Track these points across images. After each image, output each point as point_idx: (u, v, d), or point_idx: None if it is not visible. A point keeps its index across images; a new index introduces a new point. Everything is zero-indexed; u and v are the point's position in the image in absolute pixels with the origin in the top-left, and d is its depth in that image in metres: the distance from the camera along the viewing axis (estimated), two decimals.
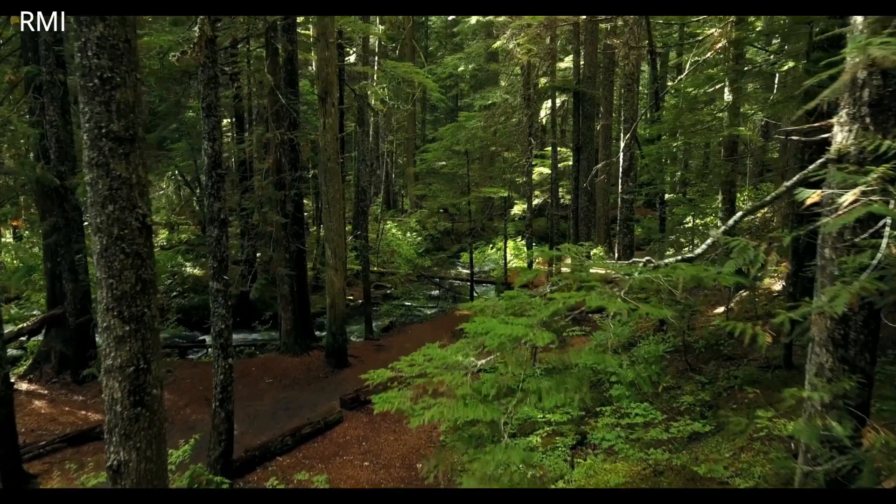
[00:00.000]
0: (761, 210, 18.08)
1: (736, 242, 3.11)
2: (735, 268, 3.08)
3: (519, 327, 3.00)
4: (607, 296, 2.89)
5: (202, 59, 6.72)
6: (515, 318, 3.47)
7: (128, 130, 4.82)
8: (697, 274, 2.85)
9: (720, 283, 2.91)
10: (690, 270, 2.86)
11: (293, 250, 12.41)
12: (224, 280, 7.14)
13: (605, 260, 22.18)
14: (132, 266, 4.91)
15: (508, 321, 3.27)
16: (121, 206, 4.82)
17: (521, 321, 3.20)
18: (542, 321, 3.05)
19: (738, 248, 3.10)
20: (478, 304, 4.05)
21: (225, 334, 7.22)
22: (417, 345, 13.14)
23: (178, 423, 9.64)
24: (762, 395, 7.52)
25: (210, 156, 6.94)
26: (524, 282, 3.67)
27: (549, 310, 3.00)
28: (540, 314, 3.03)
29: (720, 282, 2.92)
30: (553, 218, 20.11)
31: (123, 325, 4.95)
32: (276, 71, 11.87)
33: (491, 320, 3.56)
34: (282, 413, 10.18)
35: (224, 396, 7.31)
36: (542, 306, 3.10)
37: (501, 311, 3.79)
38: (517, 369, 2.95)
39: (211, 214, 7.04)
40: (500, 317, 3.48)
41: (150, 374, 5.15)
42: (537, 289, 3.88)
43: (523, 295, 3.90)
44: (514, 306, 3.72)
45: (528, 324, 3.08)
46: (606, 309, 2.78)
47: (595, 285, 3.03)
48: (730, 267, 3.07)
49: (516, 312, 3.67)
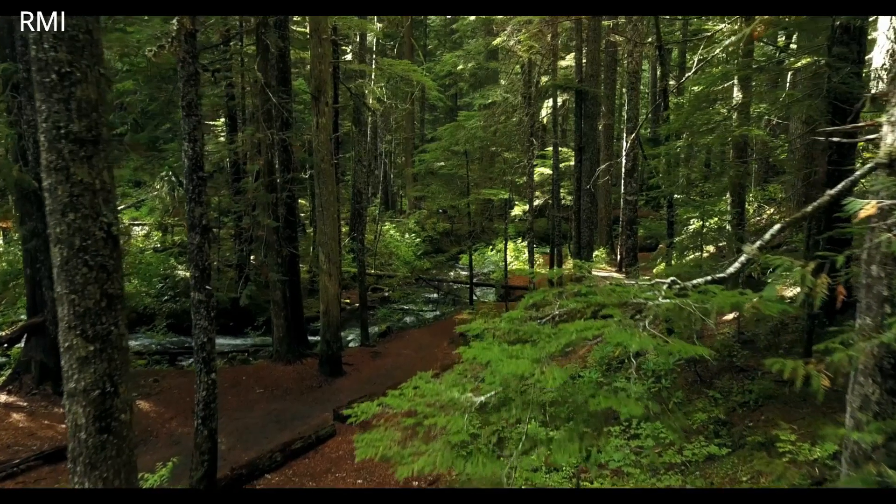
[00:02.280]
0: (767, 212, 17.62)
1: (778, 261, 2.66)
2: (777, 292, 2.63)
3: (524, 363, 2.56)
4: (628, 327, 2.44)
5: (181, 55, 6.27)
6: (519, 345, 3.03)
7: (90, 131, 4.37)
8: (735, 301, 2.40)
9: (762, 311, 2.46)
10: (727, 298, 2.40)
11: (286, 255, 11.95)
12: (207, 290, 6.69)
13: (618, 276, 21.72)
14: (96, 280, 4.46)
15: (511, 353, 2.82)
16: (83, 215, 4.37)
17: (527, 353, 2.75)
18: (550, 354, 2.60)
19: (780, 269, 2.66)
20: (476, 327, 3.60)
21: (207, 348, 6.77)
22: (415, 351, 12.65)
23: (162, 437, 9.19)
24: (781, 411, 7.08)
25: (191, 157, 6.49)
26: (528, 304, 3.21)
27: (559, 342, 2.55)
28: (548, 347, 2.59)
29: (762, 310, 2.47)
30: (554, 219, 19.67)
31: (87, 345, 4.50)
32: (267, 69, 11.41)
33: (491, 348, 3.11)
34: (272, 426, 9.73)
35: (207, 414, 6.86)
36: (550, 336, 2.66)
37: (503, 335, 3.35)
38: (523, 413, 2.51)
39: (192, 220, 6.59)
40: (501, 345, 3.03)
41: (118, 398, 4.70)
42: (542, 309, 3.43)
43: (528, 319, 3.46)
44: (517, 331, 3.28)
45: (534, 357, 2.63)
46: (628, 346, 2.33)
47: (614, 313, 2.58)
48: (771, 291, 2.62)
49: (520, 338, 3.23)
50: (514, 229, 24.17)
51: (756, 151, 17.07)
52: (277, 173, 11.64)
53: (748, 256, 3.02)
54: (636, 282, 2.94)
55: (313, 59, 11.20)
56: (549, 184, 21.50)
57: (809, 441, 5.97)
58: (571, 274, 3.33)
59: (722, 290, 2.73)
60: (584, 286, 2.90)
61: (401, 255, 23.85)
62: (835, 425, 5.23)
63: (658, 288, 2.92)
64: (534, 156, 16.42)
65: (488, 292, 20.63)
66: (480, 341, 3.37)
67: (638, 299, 2.74)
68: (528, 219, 17.56)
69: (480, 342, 3.36)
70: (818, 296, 2.51)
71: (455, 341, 14.44)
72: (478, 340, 3.42)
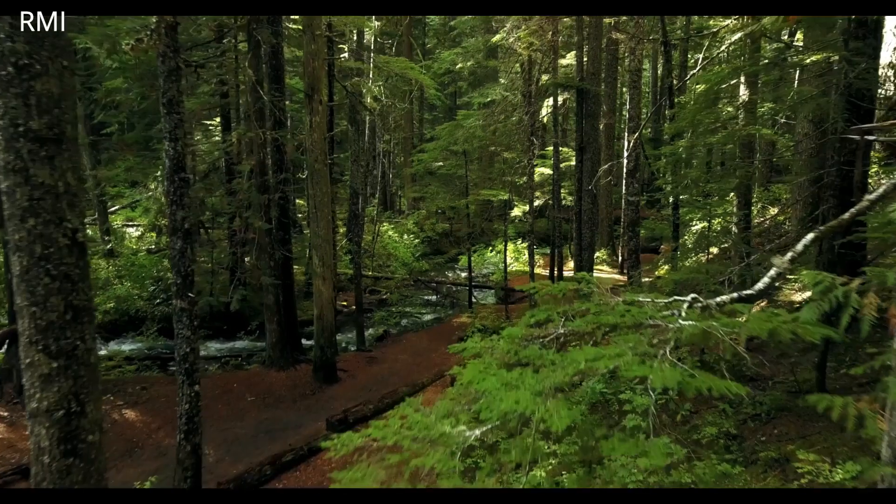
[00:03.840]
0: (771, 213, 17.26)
1: (818, 279, 2.31)
2: (817, 314, 2.28)
3: (525, 396, 2.21)
4: (646, 356, 2.09)
5: (161, 49, 5.91)
6: (519, 370, 2.68)
7: (52, 129, 4.01)
8: (771, 326, 2.05)
9: (801, 336, 2.11)
10: (761, 322, 2.05)
11: (278, 257, 11.60)
12: (189, 297, 6.34)
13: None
14: (60, 291, 4.10)
15: (510, 381, 2.47)
16: (44, 220, 4.01)
17: (528, 382, 2.40)
18: (555, 386, 2.25)
19: (821, 288, 2.30)
20: (471, 346, 3.25)
21: (190, 358, 6.42)
22: (412, 356, 12.20)
23: (147, 449, 8.84)
24: (794, 425, 6.73)
25: (172, 158, 6.14)
26: (530, 322, 2.86)
27: (566, 372, 2.20)
28: (553, 377, 2.24)
29: (801, 335, 2.12)
30: (555, 220, 19.30)
31: (50, 362, 4.14)
32: (259, 66, 11.06)
33: (488, 375, 2.76)
34: (263, 436, 9.38)
35: (190, 428, 6.51)
36: (556, 365, 2.30)
37: (501, 356, 2.99)
38: (523, 456, 2.16)
39: (174, 224, 6.24)
40: (499, 371, 2.68)
41: (85, 418, 4.34)
42: (546, 326, 3.08)
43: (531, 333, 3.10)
44: (517, 352, 2.92)
45: (536, 389, 2.28)
46: (649, 380, 1.98)
47: (629, 339, 2.23)
48: (811, 313, 2.26)
49: (521, 361, 2.88)
50: (514, 230, 23.81)
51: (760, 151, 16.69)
52: (270, 174, 11.28)
53: (778, 270, 2.67)
54: (652, 299, 2.58)
55: (306, 56, 10.85)
56: (549, 184, 21.14)
57: (828, 459, 5.62)
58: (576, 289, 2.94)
59: (750, 309, 2.38)
60: (594, 304, 2.55)
61: (399, 256, 23.50)
62: (868, 456, 4.89)
63: (677, 306, 2.57)
64: (534, 155, 16.06)
65: (488, 294, 20.28)
66: (477, 361, 3.03)
67: (655, 320, 2.39)
68: (528, 220, 17.21)
69: (476, 363, 3.01)
70: (866, 319, 2.16)
71: (453, 346, 14.10)
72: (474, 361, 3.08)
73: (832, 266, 7.17)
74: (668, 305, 2.56)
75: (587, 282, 2.82)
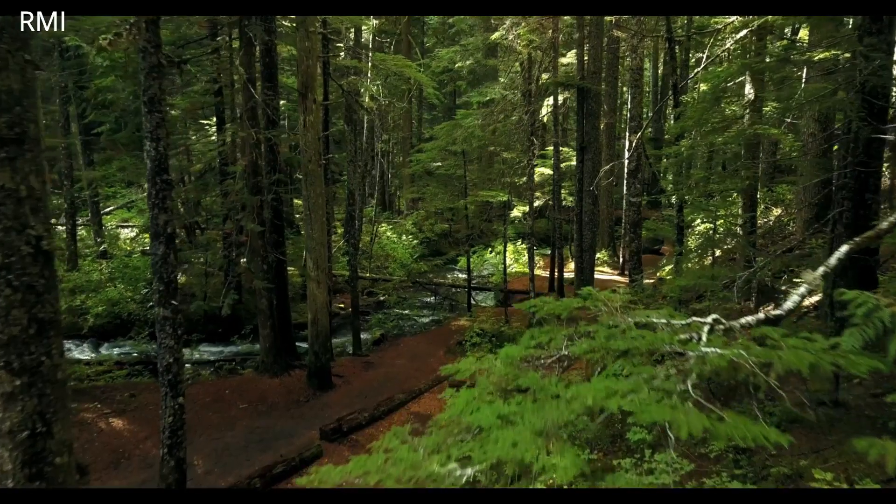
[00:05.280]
0: (774, 213, 16.95)
1: (860, 300, 2.01)
2: (861, 341, 1.98)
3: (525, 435, 1.91)
4: (666, 394, 1.79)
5: (142, 44, 5.62)
6: (518, 398, 2.38)
7: (12, 128, 3.71)
8: (812, 359, 1.75)
9: (845, 369, 1.81)
10: (799, 356, 1.75)
11: (272, 260, 11.30)
12: (172, 306, 6.04)
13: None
14: (23, 303, 3.80)
15: (507, 415, 2.18)
16: (5, 227, 3.71)
17: (528, 417, 2.11)
18: (559, 425, 1.96)
19: (864, 311, 2.00)
20: (465, 366, 2.95)
21: (174, 369, 6.12)
22: (409, 360, 11.82)
23: (134, 460, 8.54)
24: (807, 438, 6.44)
25: (153, 158, 5.84)
26: (531, 344, 2.57)
27: (572, 409, 1.91)
28: (556, 414, 1.94)
29: (845, 368, 1.82)
30: (555, 221, 18.99)
31: (13, 379, 3.84)
32: (251, 64, 10.76)
33: (483, 403, 2.47)
34: (254, 446, 9.08)
35: (174, 442, 6.22)
36: (561, 401, 2.00)
37: (498, 381, 2.70)
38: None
39: (156, 228, 5.94)
40: (494, 401, 2.38)
41: (52, 439, 4.04)
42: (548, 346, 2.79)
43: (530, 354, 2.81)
44: (515, 377, 2.63)
45: (537, 428, 1.99)
46: (671, 425, 1.68)
47: (644, 371, 1.93)
48: (853, 340, 1.97)
49: (521, 388, 2.58)
50: (514, 231, 23.52)
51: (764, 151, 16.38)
52: (263, 174, 10.98)
53: (809, 288, 2.37)
54: (667, 319, 2.28)
55: (300, 54, 10.55)
56: (549, 184, 20.84)
57: (843, 474, 5.33)
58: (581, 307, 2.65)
59: (784, 335, 2.08)
60: (603, 328, 2.25)
61: (397, 257, 23.20)
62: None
63: (697, 329, 2.27)
64: (534, 155, 15.76)
65: (487, 296, 19.99)
66: (470, 389, 2.73)
67: (673, 347, 2.09)
68: (527, 221, 16.91)
69: (469, 390, 2.71)
70: None
71: (452, 350, 13.80)
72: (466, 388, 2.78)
73: (844, 271, 6.89)
74: (687, 328, 2.26)
75: (593, 299, 2.52)
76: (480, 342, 13.28)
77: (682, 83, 15.37)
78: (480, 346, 13.13)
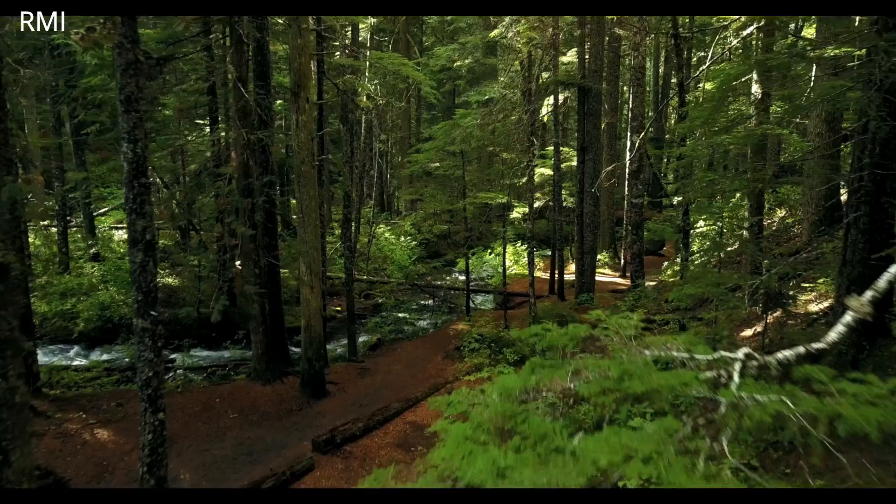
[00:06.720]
0: (778, 215, 16.61)
1: None
2: None
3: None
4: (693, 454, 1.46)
5: (117, 39, 5.28)
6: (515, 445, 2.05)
7: None
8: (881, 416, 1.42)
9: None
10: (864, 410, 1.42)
11: (264, 265, 10.96)
12: (152, 316, 5.72)
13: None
14: None
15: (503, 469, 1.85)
16: None
17: (527, 474, 1.78)
18: None
19: None
20: (457, 400, 2.62)
21: (153, 383, 5.79)
22: (406, 366, 11.39)
23: (118, 474, 8.21)
24: (820, 455, 6.10)
25: (131, 161, 5.50)
26: (530, 382, 2.23)
27: (581, 470, 1.58)
28: (564, 474, 1.61)
29: None
30: (556, 222, 18.67)
31: None
32: (241, 62, 10.42)
33: (476, 446, 2.14)
34: (244, 458, 8.75)
35: (154, 460, 5.88)
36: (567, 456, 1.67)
37: (493, 420, 2.37)
38: None
39: (133, 235, 5.61)
40: (488, 446, 2.05)
41: (9, 468, 3.71)
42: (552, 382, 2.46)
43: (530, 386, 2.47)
44: (513, 416, 2.30)
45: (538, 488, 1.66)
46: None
47: (667, 422, 1.60)
48: None
49: (517, 431, 2.25)
50: (513, 232, 23.19)
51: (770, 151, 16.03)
52: (254, 176, 10.65)
53: (856, 316, 2.03)
54: (689, 352, 1.95)
55: (292, 51, 10.22)
56: (549, 185, 20.52)
57: None
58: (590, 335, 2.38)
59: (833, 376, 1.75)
60: (616, 365, 1.92)
61: (395, 258, 22.88)
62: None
63: (726, 365, 1.94)
64: (534, 156, 15.42)
65: (486, 299, 19.67)
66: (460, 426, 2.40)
67: (700, 391, 1.76)
68: (527, 223, 16.58)
69: (462, 426, 2.38)
70: None
71: (449, 356, 13.46)
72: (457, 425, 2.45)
73: (861, 280, 6.55)
74: (717, 362, 1.92)
75: (603, 325, 2.19)
76: (479, 347, 12.95)
77: (688, 81, 15.04)
78: (479, 352, 12.79)
